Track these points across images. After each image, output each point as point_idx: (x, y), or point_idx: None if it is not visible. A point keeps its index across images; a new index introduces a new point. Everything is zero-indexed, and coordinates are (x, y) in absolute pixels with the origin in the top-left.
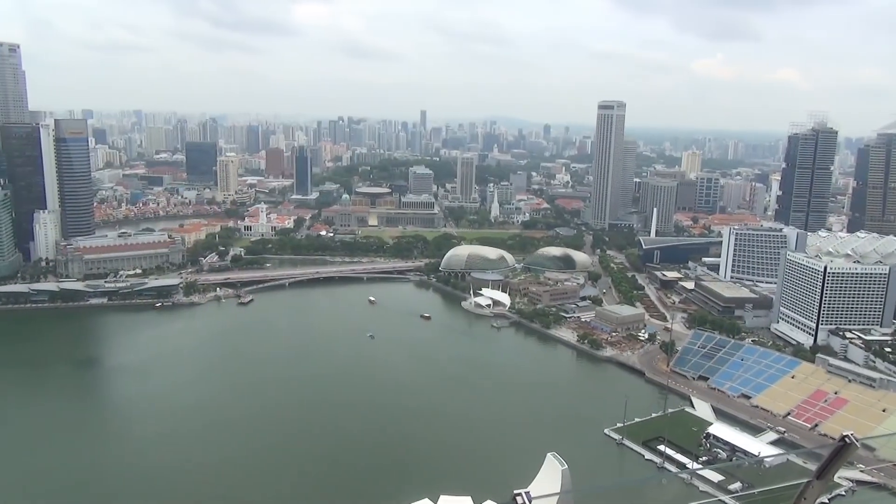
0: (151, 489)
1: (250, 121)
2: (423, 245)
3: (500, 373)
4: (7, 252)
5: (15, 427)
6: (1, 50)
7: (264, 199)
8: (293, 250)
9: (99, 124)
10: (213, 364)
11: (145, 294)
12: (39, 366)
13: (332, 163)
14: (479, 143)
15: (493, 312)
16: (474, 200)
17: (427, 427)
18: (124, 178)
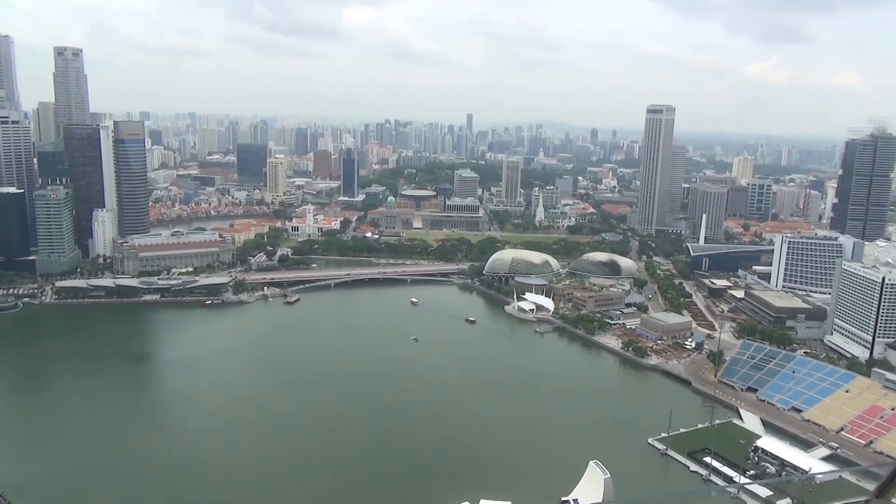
0: (196, 481)
1: (299, 123)
2: (467, 248)
3: (542, 378)
4: (68, 248)
5: (72, 416)
6: (65, 54)
7: (312, 201)
8: (339, 251)
9: (155, 126)
10: (259, 361)
11: (196, 291)
12: (96, 358)
13: (379, 165)
14: (524, 146)
15: (536, 317)
16: (519, 204)
17: (468, 430)
18: (178, 179)
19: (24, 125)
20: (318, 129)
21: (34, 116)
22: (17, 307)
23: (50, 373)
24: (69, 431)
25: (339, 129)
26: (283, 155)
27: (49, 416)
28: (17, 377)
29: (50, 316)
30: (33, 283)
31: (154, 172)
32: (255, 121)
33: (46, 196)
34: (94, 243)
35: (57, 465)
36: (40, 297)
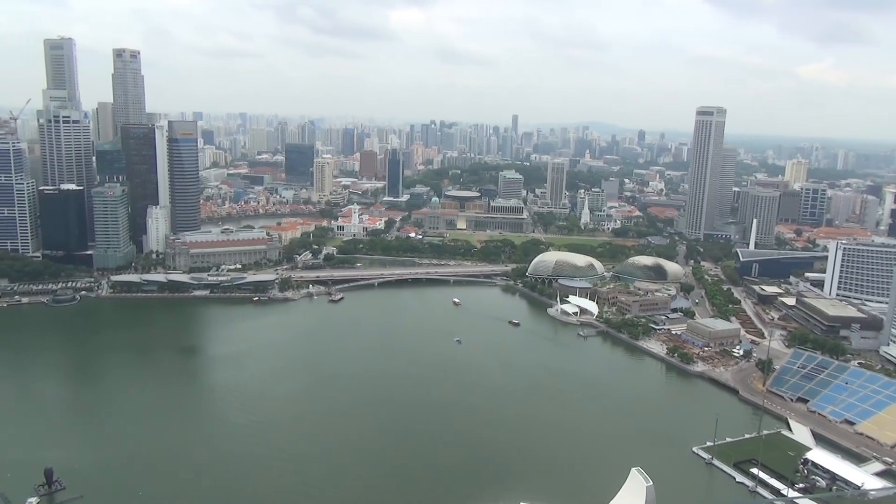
0: (239, 473)
1: (346, 124)
2: (511, 250)
3: (584, 382)
4: (123, 244)
5: (123, 406)
6: (123, 56)
7: (357, 201)
8: (383, 251)
9: (207, 126)
10: (304, 358)
11: (244, 288)
12: (147, 351)
13: (424, 166)
14: (570, 148)
15: (579, 321)
16: (564, 206)
17: (509, 432)
18: (228, 178)
19: (84, 124)
20: (364, 130)
21: (93, 116)
22: (75, 300)
23: (104, 364)
24: (121, 421)
25: (384, 129)
26: (330, 155)
27: (102, 405)
28: (73, 367)
29: (105, 309)
30: (90, 277)
31: (205, 171)
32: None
33: (104, 193)
34: (147, 239)
35: (108, 452)
36: (97, 291)
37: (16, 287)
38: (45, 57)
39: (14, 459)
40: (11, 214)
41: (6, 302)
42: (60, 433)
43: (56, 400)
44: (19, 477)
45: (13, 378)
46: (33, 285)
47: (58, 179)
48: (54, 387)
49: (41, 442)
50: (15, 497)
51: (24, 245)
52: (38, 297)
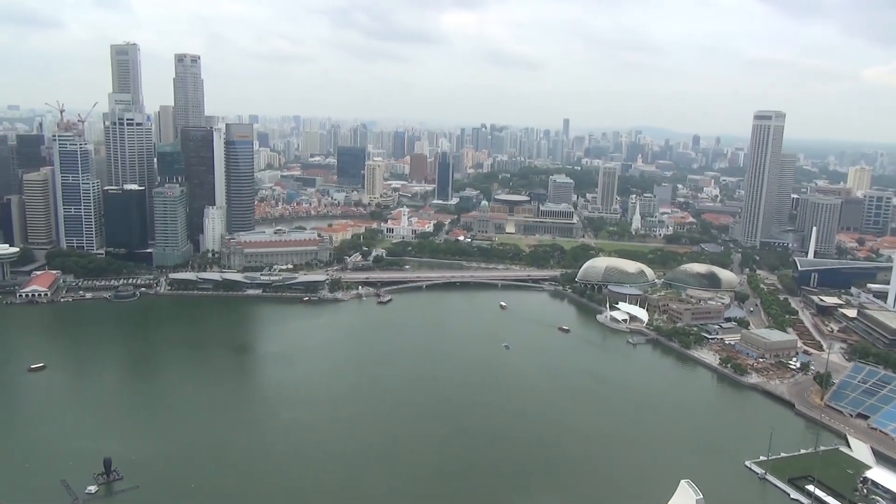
0: (286, 470)
1: (397, 127)
2: (560, 255)
3: (633, 390)
4: (181, 243)
5: (179, 400)
6: (184, 61)
7: (407, 203)
8: (431, 254)
9: (263, 129)
10: (352, 358)
11: (295, 288)
12: (202, 347)
13: (473, 169)
14: (622, 152)
15: (629, 328)
16: (615, 211)
17: (556, 439)
18: (282, 179)
19: (147, 127)
20: (415, 133)
21: (155, 119)
22: (135, 296)
23: (161, 359)
24: (176, 414)
25: (435, 132)
26: (381, 158)
27: (159, 399)
28: (133, 361)
29: (163, 305)
30: (150, 275)
31: (260, 173)
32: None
33: (164, 193)
34: (204, 239)
35: (163, 445)
36: (155, 288)
37: (80, 283)
38: (112, 62)
39: (76, 448)
40: (78, 213)
41: (71, 297)
42: (119, 425)
43: (116, 392)
44: (80, 465)
45: (77, 370)
46: (96, 281)
47: (121, 180)
48: (115, 379)
49: (101, 432)
50: (75, 485)
51: (88, 242)
52: (101, 293)
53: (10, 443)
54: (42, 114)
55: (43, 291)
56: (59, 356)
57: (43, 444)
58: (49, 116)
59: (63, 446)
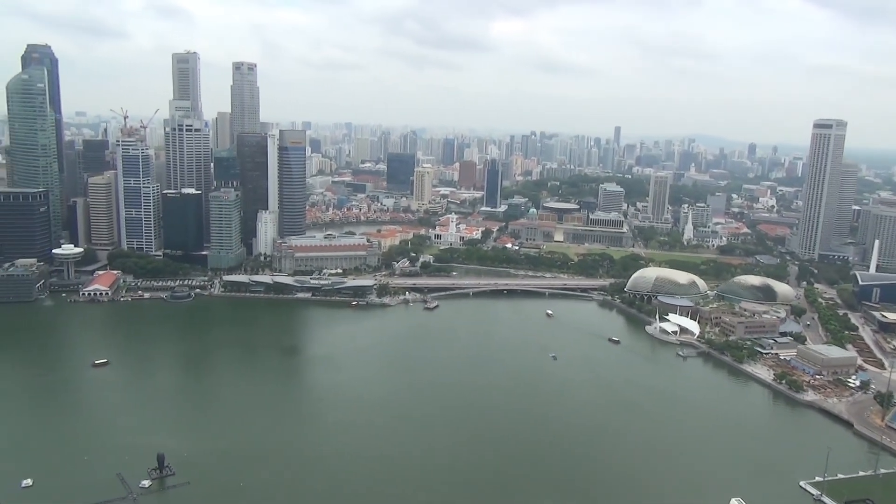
0: (332, 472)
1: (447, 134)
2: (609, 264)
3: (683, 404)
4: (235, 246)
5: (230, 399)
6: (241, 69)
7: (455, 210)
8: (479, 261)
9: (315, 135)
10: (398, 363)
11: (343, 292)
12: (253, 348)
13: (522, 177)
14: (674, 161)
15: (679, 340)
16: (666, 221)
17: (602, 451)
18: (333, 185)
19: (205, 133)
20: (464, 140)
21: (213, 125)
22: (190, 297)
23: (214, 358)
24: (227, 413)
25: (484, 140)
26: (430, 164)
27: (211, 397)
28: (187, 360)
29: (216, 306)
30: (204, 276)
31: (312, 178)
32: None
33: (220, 198)
34: (257, 242)
35: (214, 443)
36: (209, 289)
37: (139, 283)
38: (173, 70)
39: (131, 443)
40: (138, 215)
41: (130, 296)
42: (173, 421)
43: (171, 389)
44: (135, 460)
45: (136, 367)
46: (154, 282)
47: (180, 184)
48: (170, 377)
49: (155, 428)
50: (130, 478)
51: (147, 244)
52: (158, 293)
53: (72, 435)
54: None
55: (104, 290)
56: (121, 353)
57: (101, 437)
58: (113, 122)
59: (120, 440)
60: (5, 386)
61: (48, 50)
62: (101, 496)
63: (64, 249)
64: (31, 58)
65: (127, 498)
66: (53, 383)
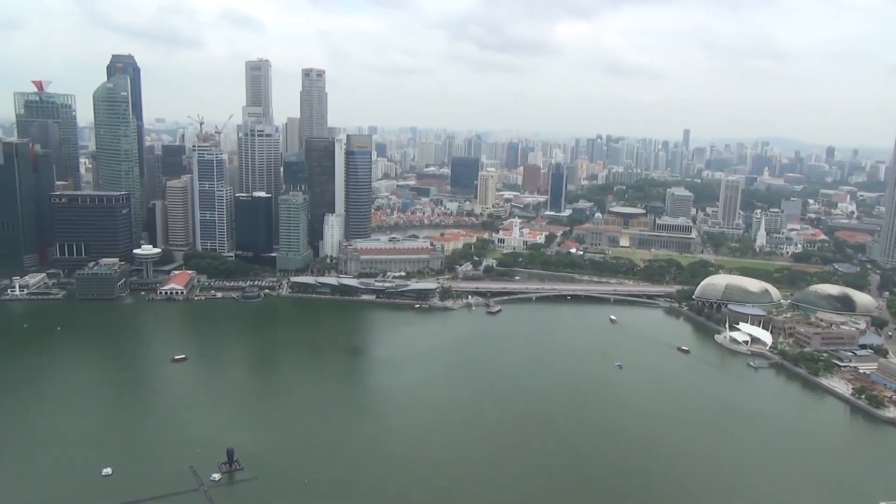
0: (392, 474)
1: (511, 138)
2: (677, 270)
3: (755, 418)
4: (303, 248)
5: (295, 397)
6: (310, 75)
7: (518, 214)
8: (542, 265)
9: (381, 139)
10: (460, 367)
11: (407, 295)
12: (317, 348)
13: (587, 181)
14: (747, 165)
15: (750, 350)
16: (737, 227)
17: (667, 465)
18: (397, 189)
19: (275, 138)
20: (528, 144)
21: (283, 130)
22: (260, 297)
23: (281, 357)
24: (293, 411)
25: (549, 143)
26: (494, 168)
27: (278, 395)
28: (256, 358)
29: (284, 307)
30: (273, 277)
31: (377, 182)
32: (470, 135)
33: (288, 201)
34: (323, 244)
35: (281, 440)
36: (278, 290)
37: (212, 283)
38: (246, 77)
39: (203, 437)
40: (212, 218)
41: (204, 295)
42: (242, 417)
43: (240, 386)
44: (206, 454)
45: (210, 363)
46: (226, 282)
47: (251, 187)
48: (240, 374)
49: (226, 424)
50: (202, 471)
51: (220, 245)
52: (230, 293)
53: (149, 427)
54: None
55: (180, 290)
56: (198, 349)
57: (176, 430)
58: (190, 128)
59: (193, 434)
60: (90, 378)
61: (131, 60)
62: (175, 487)
63: (143, 250)
64: (115, 67)
65: (198, 490)
66: (134, 377)
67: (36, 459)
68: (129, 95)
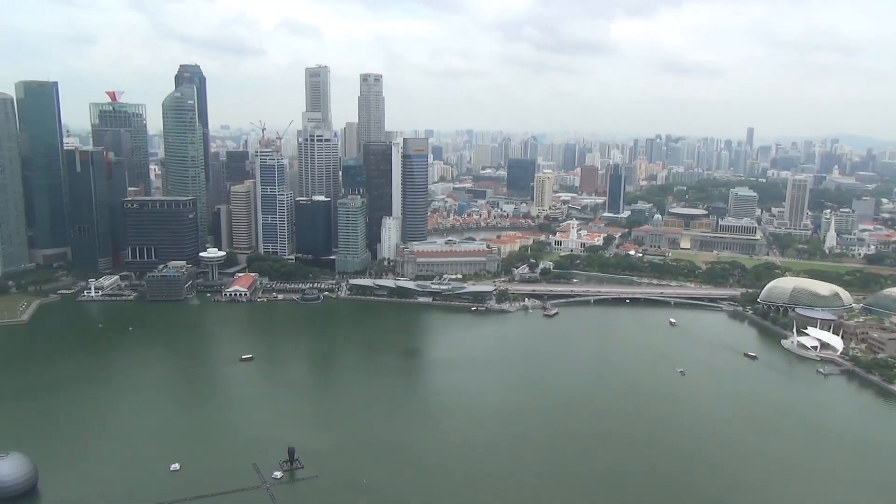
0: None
1: (568, 139)
2: (741, 273)
3: (826, 427)
4: (361, 251)
5: (353, 397)
6: (368, 80)
7: (576, 216)
8: (600, 268)
9: (437, 142)
10: (517, 371)
11: (463, 297)
12: (375, 350)
13: (647, 181)
14: (815, 163)
15: (819, 356)
16: (805, 228)
17: (731, 474)
18: (454, 191)
19: (334, 143)
20: (585, 145)
21: (341, 135)
22: (319, 299)
23: (340, 358)
24: (351, 411)
25: (606, 144)
26: (551, 170)
27: (337, 395)
28: (316, 358)
29: (343, 309)
30: (332, 280)
31: (433, 185)
32: (526, 137)
33: (347, 204)
34: (381, 247)
35: (340, 439)
36: (336, 292)
37: (274, 285)
38: (306, 83)
39: (266, 436)
40: (274, 221)
41: (266, 297)
42: (302, 416)
43: (301, 386)
44: (269, 451)
45: (275, 363)
46: (287, 284)
47: (310, 191)
48: (301, 374)
49: (287, 422)
50: (264, 469)
51: (282, 248)
52: (291, 295)
53: (215, 425)
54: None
55: (243, 291)
56: (263, 349)
57: (240, 428)
58: (252, 135)
59: (256, 432)
60: (160, 376)
61: (197, 69)
62: (239, 484)
63: (209, 253)
64: (182, 77)
65: (261, 487)
66: (203, 375)
67: (110, 453)
68: (196, 104)
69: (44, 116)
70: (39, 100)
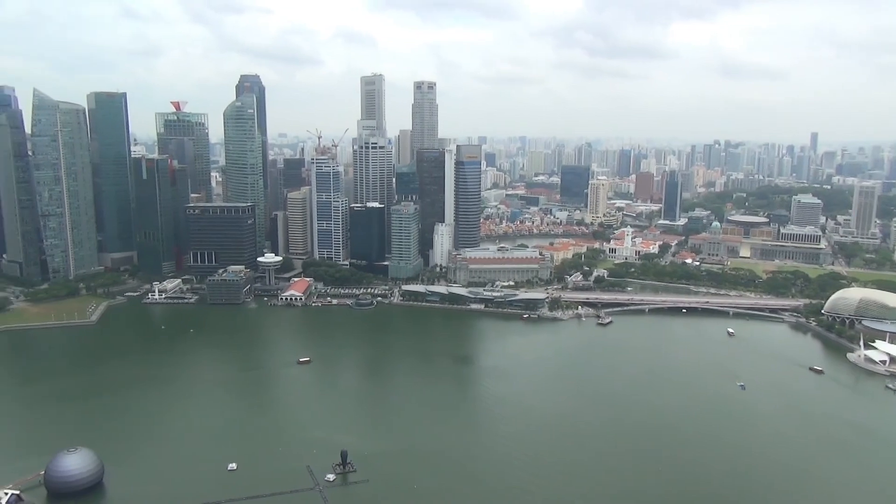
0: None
1: (623, 145)
2: (804, 283)
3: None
4: (413, 257)
5: (406, 403)
6: (422, 88)
7: (631, 223)
8: (656, 276)
9: (490, 149)
10: (570, 379)
11: (515, 305)
12: (427, 356)
13: (704, 188)
14: (884, 169)
15: (888, 370)
16: (874, 236)
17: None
18: (506, 198)
19: (388, 150)
20: (641, 151)
21: (395, 142)
22: (372, 304)
23: (393, 363)
24: (403, 416)
25: (663, 150)
26: (605, 177)
27: (390, 399)
28: (369, 363)
29: (395, 314)
30: (385, 285)
31: (486, 192)
32: (580, 143)
33: (400, 211)
34: (433, 253)
35: (392, 444)
36: (389, 298)
37: (328, 290)
38: (361, 91)
39: (319, 438)
40: (329, 227)
41: (320, 302)
42: (356, 420)
43: (355, 390)
44: (322, 454)
45: (330, 367)
46: (341, 289)
47: (365, 198)
48: (355, 378)
49: (341, 425)
50: (318, 471)
51: (336, 254)
52: (344, 300)
53: (271, 426)
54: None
55: (299, 296)
56: (319, 353)
57: (295, 430)
58: (309, 142)
59: (310, 434)
60: (220, 377)
61: (257, 79)
62: (293, 485)
63: (266, 258)
64: (243, 87)
65: (314, 489)
66: (261, 377)
67: (171, 451)
68: (255, 112)
69: (113, 126)
70: (109, 110)
